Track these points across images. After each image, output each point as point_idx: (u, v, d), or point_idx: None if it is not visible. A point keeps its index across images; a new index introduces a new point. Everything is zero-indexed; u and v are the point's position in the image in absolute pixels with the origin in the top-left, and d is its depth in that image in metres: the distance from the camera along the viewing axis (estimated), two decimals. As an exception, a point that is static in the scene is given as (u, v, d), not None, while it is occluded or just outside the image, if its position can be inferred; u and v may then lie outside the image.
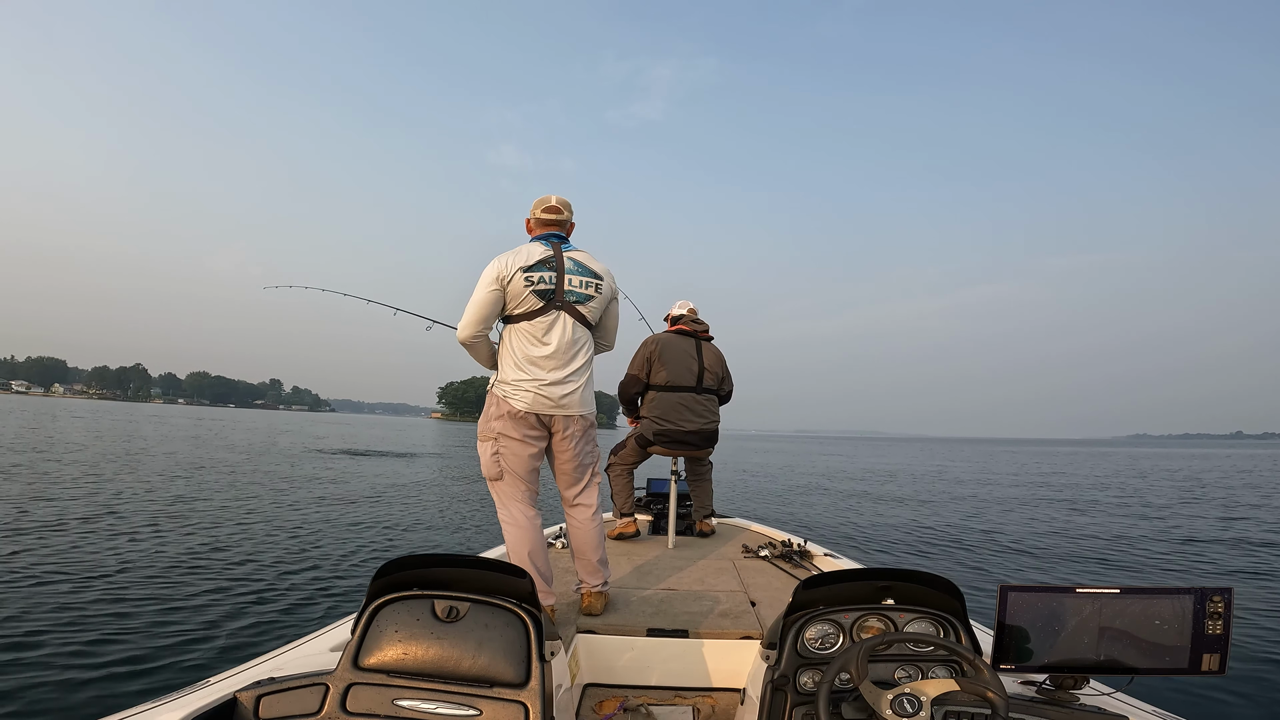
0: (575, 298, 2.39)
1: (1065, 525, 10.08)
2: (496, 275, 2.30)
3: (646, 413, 3.77)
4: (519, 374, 2.34)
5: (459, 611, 1.39)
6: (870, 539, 8.68)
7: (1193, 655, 1.42)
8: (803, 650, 1.51)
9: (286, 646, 1.78)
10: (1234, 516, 11.22)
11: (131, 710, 1.29)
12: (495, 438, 2.36)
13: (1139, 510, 12.06)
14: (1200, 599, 1.42)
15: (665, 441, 3.72)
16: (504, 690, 1.33)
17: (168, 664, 3.33)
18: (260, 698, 1.32)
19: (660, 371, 3.72)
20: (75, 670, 3.17)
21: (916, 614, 1.50)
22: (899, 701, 1.23)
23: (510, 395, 2.34)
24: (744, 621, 2.35)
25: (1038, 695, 1.48)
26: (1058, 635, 1.43)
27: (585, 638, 2.26)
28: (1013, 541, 8.48)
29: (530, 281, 2.30)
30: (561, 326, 2.36)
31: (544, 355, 2.33)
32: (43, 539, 5.89)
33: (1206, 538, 8.89)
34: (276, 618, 4.18)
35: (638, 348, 3.81)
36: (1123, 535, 9.10)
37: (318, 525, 7.64)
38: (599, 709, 2.08)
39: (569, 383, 2.38)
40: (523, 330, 2.35)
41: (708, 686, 2.20)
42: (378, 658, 1.36)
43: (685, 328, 3.91)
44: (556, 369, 2.35)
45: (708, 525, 4.08)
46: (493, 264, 2.32)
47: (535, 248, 2.37)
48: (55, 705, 2.84)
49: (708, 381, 3.80)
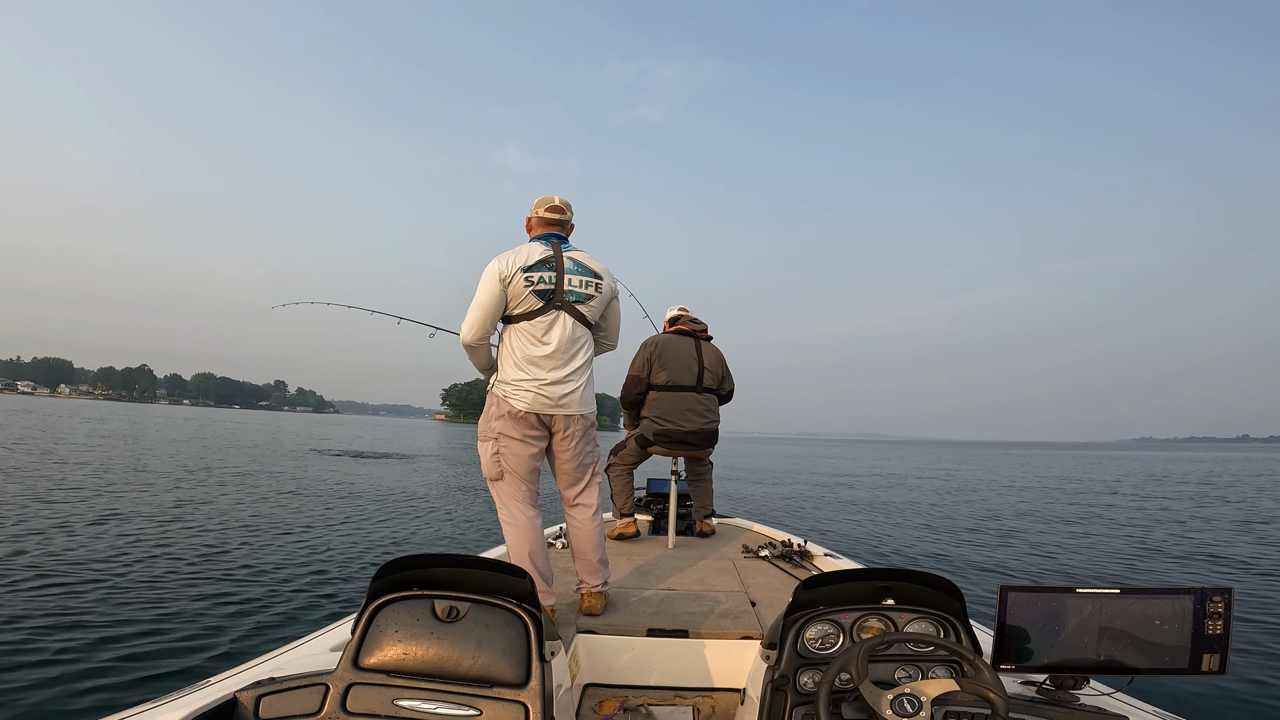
0: (575, 297, 2.39)
1: (1067, 526, 10.08)
2: (498, 276, 2.29)
3: (647, 413, 3.77)
4: (519, 374, 2.33)
5: (459, 611, 1.39)
6: (870, 539, 8.69)
7: (1193, 655, 1.42)
8: (803, 650, 1.51)
9: (287, 646, 1.78)
10: (1253, 520, 11.17)
11: (132, 710, 1.29)
12: (495, 438, 2.36)
13: (1152, 514, 11.99)
14: (1200, 599, 1.42)
15: (666, 441, 3.72)
16: (504, 690, 1.33)
17: (168, 664, 3.33)
18: (260, 698, 1.32)
19: (661, 372, 3.72)
20: (76, 670, 3.17)
21: (916, 614, 1.50)
22: (899, 701, 1.23)
23: (510, 395, 2.34)
24: (744, 621, 2.35)
25: (1038, 695, 1.48)
26: (1058, 635, 1.43)
27: (585, 638, 2.26)
28: (1013, 542, 8.49)
29: (530, 282, 2.30)
30: (561, 326, 2.36)
31: (544, 355, 2.33)
32: (44, 540, 5.89)
33: (1214, 539, 8.89)
34: (277, 618, 4.18)
35: (637, 350, 3.81)
36: (1125, 536, 9.10)
37: (318, 526, 7.64)
38: (599, 709, 2.08)
39: (569, 382, 2.38)
40: (522, 330, 2.34)
41: (708, 686, 2.20)
42: (378, 658, 1.36)
43: (684, 328, 3.92)
44: (556, 368, 2.35)
45: (708, 525, 4.08)
46: (493, 264, 2.31)
47: (535, 248, 2.37)
48: (56, 705, 2.84)
49: (707, 381, 3.80)
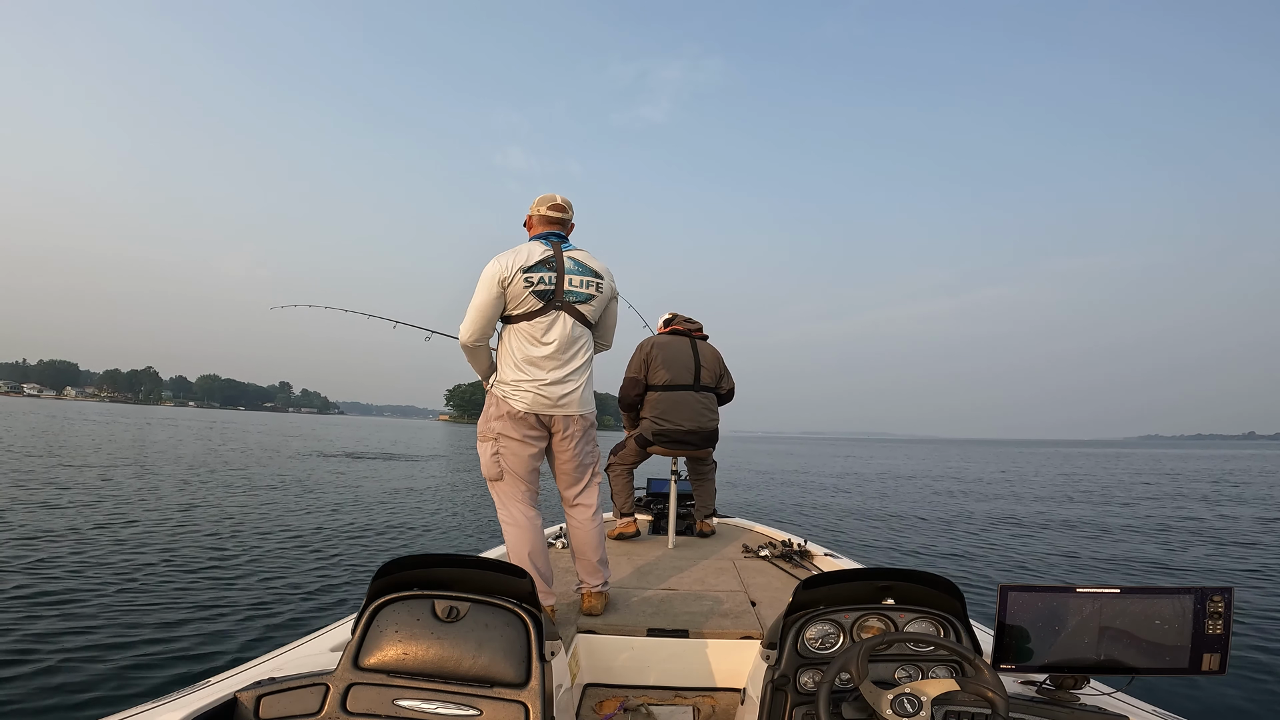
0: (575, 297, 2.37)
1: (1068, 526, 10.08)
2: (497, 278, 2.27)
3: (646, 413, 3.76)
4: (518, 374, 2.32)
5: (459, 611, 1.39)
6: (870, 539, 8.68)
7: (1193, 655, 1.42)
8: (803, 650, 1.51)
9: (287, 646, 1.78)
10: (1269, 517, 11.15)
11: (132, 710, 1.29)
12: (495, 438, 2.36)
13: (1165, 512, 11.96)
14: (1200, 599, 1.42)
15: (665, 441, 3.71)
16: (504, 690, 1.33)
17: (168, 664, 3.33)
18: (260, 698, 1.32)
19: (659, 372, 3.71)
20: (76, 670, 3.17)
21: (917, 614, 1.50)
22: (899, 701, 1.23)
23: (510, 395, 2.33)
24: (744, 621, 2.35)
25: (1038, 695, 1.48)
26: (1058, 635, 1.43)
27: (585, 638, 2.26)
28: (1013, 542, 8.48)
29: (530, 282, 2.28)
30: (561, 326, 2.34)
31: (543, 355, 2.32)
32: (44, 539, 5.89)
33: (1225, 540, 8.89)
34: (277, 618, 4.18)
35: (633, 352, 3.81)
36: (1131, 535, 9.10)
37: (319, 526, 7.64)
38: (599, 709, 2.08)
39: (568, 382, 2.37)
40: (522, 330, 2.33)
41: (708, 686, 2.20)
42: (378, 658, 1.36)
43: (679, 328, 3.93)
44: (556, 369, 2.34)
45: (708, 525, 4.07)
46: (492, 265, 2.29)
47: (535, 247, 2.35)
48: (56, 705, 2.84)
49: (705, 379, 3.79)
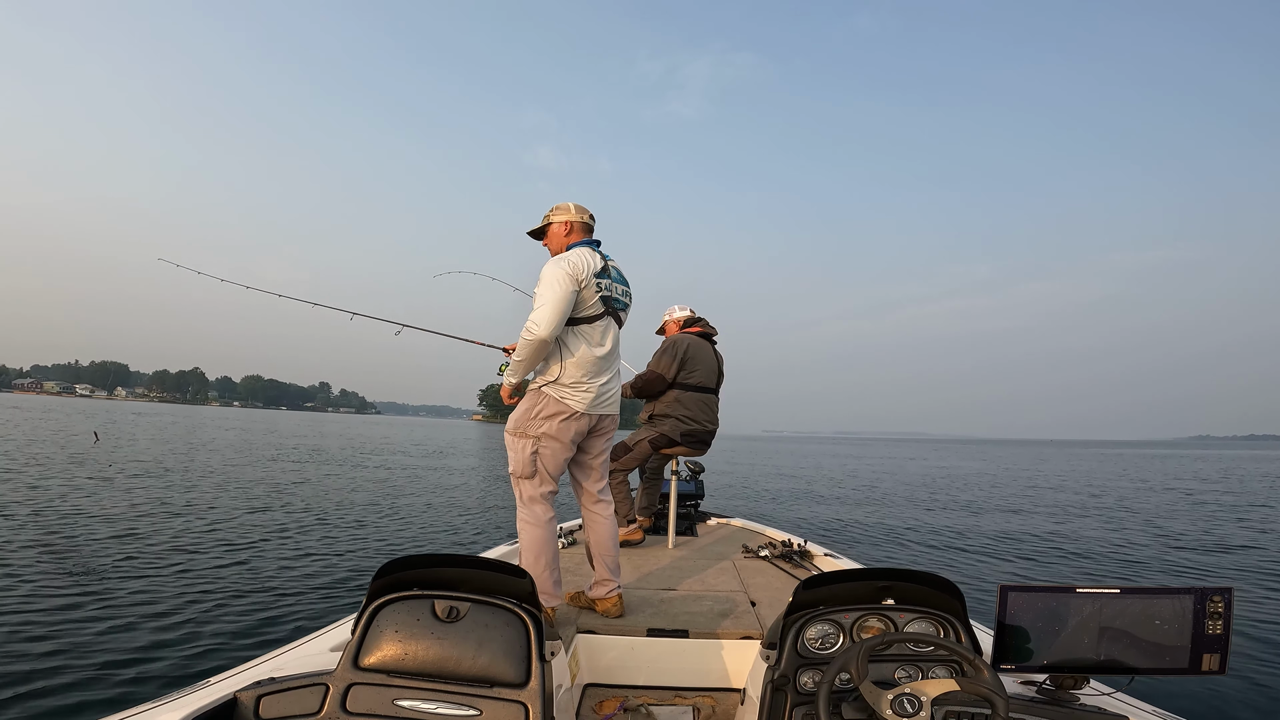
0: (619, 305, 2.52)
1: (1072, 526, 10.08)
2: (574, 278, 2.31)
3: (668, 411, 3.73)
4: (579, 374, 2.38)
5: (459, 611, 1.39)
6: (871, 539, 8.68)
7: (1193, 655, 1.42)
8: (803, 650, 1.51)
9: (287, 646, 1.78)
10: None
11: (132, 710, 1.29)
12: (537, 436, 2.38)
13: (1179, 512, 11.86)
14: (1200, 599, 1.42)
15: (692, 441, 3.74)
16: (504, 690, 1.33)
17: (168, 664, 3.33)
18: (260, 698, 1.32)
19: (694, 372, 3.74)
20: (76, 670, 3.17)
21: (917, 614, 1.50)
22: (899, 701, 1.23)
23: (569, 397, 2.37)
24: (744, 621, 2.36)
25: (1038, 695, 1.48)
26: (1058, 635, 1.44)
27: (585, 638, 2.26)
28: (1013, 541, 8.48)
29: (600, 287, 2.39)
30: (613, 331, 2.49)
31: (601, 357, 2.43)
32: (46, 542, 5.89)
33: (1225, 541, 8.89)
34: (277, 618, 4.18)
35: (662, 346, 3.79)
36: (1134, 535, 9.10)
37: (319, 526, 7.63)
38: (599, 709, 2.08)
39: (614, 384, 2.53)
40: (583, 333, 2.40)
41: (708, 686, 2.20)
42: (378, 658, 1.36)
43: (703, 330, 3.95)
44: (608, 370, 2.49)
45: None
46: (563, 267, 2.30)
47: (595, 255, 2.42)
48: (56, 705, 2.84)
49: (720, 383, 3.91)
